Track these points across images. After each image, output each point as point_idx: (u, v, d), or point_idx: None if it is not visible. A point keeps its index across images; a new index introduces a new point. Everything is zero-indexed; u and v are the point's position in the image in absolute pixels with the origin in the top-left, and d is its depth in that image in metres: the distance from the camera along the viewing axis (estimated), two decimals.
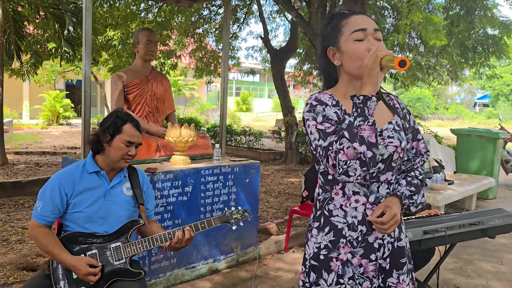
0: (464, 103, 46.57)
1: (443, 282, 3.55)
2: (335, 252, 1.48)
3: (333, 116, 1.43)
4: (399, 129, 1.46)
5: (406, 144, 1.51)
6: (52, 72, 16.07)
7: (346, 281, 1.47)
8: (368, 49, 1.41)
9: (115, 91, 3.58)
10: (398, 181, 1.54)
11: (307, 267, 1.54)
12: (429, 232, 2.39)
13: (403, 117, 1.56)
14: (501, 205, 6.31)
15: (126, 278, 1.99)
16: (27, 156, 9.35)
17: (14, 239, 4.18)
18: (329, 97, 1.48)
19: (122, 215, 2.09)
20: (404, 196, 1.50)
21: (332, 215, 1.49)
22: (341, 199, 1.49)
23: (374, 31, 1.45)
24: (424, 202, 1.56)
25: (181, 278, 3.30)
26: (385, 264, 1.50)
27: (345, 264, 1.47)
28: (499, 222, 2.62)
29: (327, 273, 1.48)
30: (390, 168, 1.47)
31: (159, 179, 3.10)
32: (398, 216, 1.43)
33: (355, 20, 1.47)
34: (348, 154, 1.32)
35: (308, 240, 1.57)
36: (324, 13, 7.76)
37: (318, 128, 1.41)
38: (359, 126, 1.33)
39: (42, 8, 8.15)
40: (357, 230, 1.47)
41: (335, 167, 1.35)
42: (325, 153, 1.38)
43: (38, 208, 2.01)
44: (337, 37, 1.49)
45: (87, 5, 3.13)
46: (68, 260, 1.92)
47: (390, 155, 1.41)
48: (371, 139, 1.32)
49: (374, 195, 1.48)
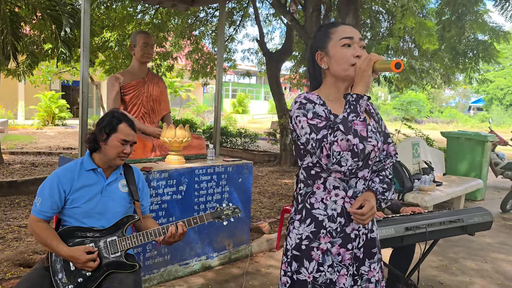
0: (458, 107, 46.91)
1: (427, 278, 3.67)
2: (316, 242, 1.60)
3: (322, 113, 1.55)
4: (375, 131, 1.58)
5: (382, 145, 1.63)
6: (48, 72, 16.11)
7: (325, 268, 1.59)
8: (353, 54, 1.56)
9: (112, 92, 3.68)
10: (372, 179, 1.68)
11: (289, 257, 1.66)
12: (411, 228, 2.50)
13: (377, 122, 1.69)
14: (488, 207, 6.46)
15: (121, 270, 2.09)
16: (23, 156, 9.41)
17: (10, 237, 4.26)
18: (317, 97, 1.60)
19: (118, 211, 2.19)
20: (378, 192, 1.64)
21: (314, 208, 1.62)
22: (322, 193, 1.61)
23: (359, 40, 1.60)
24: (393, 199, 1.70)
25: (174, 274, 3.40)
26: (359, 253, 1.63)
27: (325, 253, 1.59)
28: (478, 219, 2.75)
29: (308, 262, 1.60)
30: (367, 166, 1.61)
31: (154, 178, 3.20)
32: (375, 209, 1.58)
33: (344, 29, 1.62)
34: (341, 146, 1.44)
35: (290, 232, 1.68)
36: (319, 17, 7.89)
37: (310, 123, 1.53)
38: (352, 121, 1.46)
39: (39, 9, 8.21)
40: (336, 221, 1.60)
41: (329, 157, 1.46)
42: (318, 145, 1.49)
43: (38, 204, 2.11)
44: (326, 43, 1.63)
45: (85, 9, 3.23)
46: (66, 251, 2.02)
47: (368, 153, 1.53)
48: (363, 133, 1.46)
49: (352, 190, 1.61)
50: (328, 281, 1.58)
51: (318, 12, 7.86)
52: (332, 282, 1.58)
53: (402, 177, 5.15)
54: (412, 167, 5.89)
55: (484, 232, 5.03)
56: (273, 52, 10.93)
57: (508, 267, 4.03)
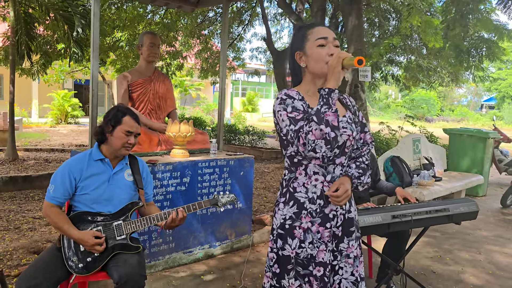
0: (470, 105, 46.55)
1: (421, 268, 3.83)
2: (298, 222, 1.78)
3: (300, 107, 1.74)
4: (351, 122, 1.77)
5: (357, 134, 1.81)
6: (61, 72, 16.48)
7: (306, 245, 1.77)
8: (328, 53, 1.74)
9: (121, 90, 3.89)
10: (349, 165, 1.86)
11: (274, 236, 1.85)
12: (397, 216, 2.66)
13: (353, 113, 1.87)
14: (489, 202, 6.58)
15: (126, 251, 2.29)
16: (36, 153, 9.70)
17: (25, 227, 4.49)
18: (296, 93, 1.79)
19: (124, 198, 2.40)
20: (354, 177, 1.82)
21: (296, 191, 1.80)
22: (303, 178, 1.79)
23: (333, 39, 1.77)
24: (369, 182, 1.88)
25: (178, 261, 3.60)
26: (338, 232, 1.81)
27: (306, 231, 1.78)
28: (464, 209, 2.89)
29: (291, 239, 1.79)
30: (344, 153, 1.79)
31: (159, 170, 3.40)
32: (349, 192, 1.76)
33: (318, 30, 1.79)
34: (315, 135, 1.63)
35: (275, 213, 1.87)
36: (324, 16, 8.04)
37: (289, 116, 1.72)
38: (324, 113, 1.64)
39: (52, 10, 8.47)
40: (316, 203, 1.78)
41: (305, 145, 1.65)
42: (296, 135, 1.68)
43: (51, 191, 2.32)
44: (303, 43, 1.81)
45: (95, 11, 3.44)
46: (76, 234, 2.23)
47: (344, 142, 1.72)
48: (334, 123, 1.64)
49: (330, 175, 1.79)
50: (309, 256, 1.77)
51: (323, 12, 8.01)
52: (312, 257, 1.77)
53: (401, 172, 5.30)
54: (413, 163, 6.03)
55: (482, 226, 5.18)
56: (281, 51, 11.08)
57: (501, 258, 4.16)
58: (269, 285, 1.86)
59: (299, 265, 1.77)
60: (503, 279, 3.65)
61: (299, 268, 1.77)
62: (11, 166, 7.65)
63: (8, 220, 4.69)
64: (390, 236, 3.24)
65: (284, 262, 1.80)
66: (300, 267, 1.77)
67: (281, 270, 1.81)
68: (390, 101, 39.37)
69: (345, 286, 1.82)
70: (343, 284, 1.82)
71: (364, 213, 2.62)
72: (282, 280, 1.81)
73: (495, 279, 3.66)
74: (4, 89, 19.65)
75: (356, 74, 6.39)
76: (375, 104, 39.05)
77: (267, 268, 1.89)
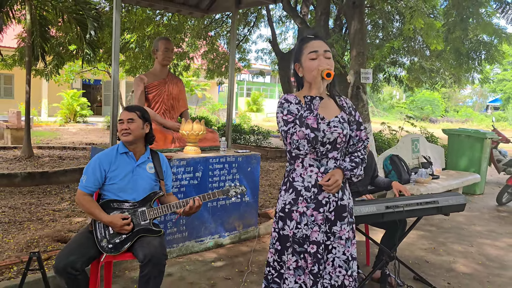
0: (476, 106, 46.60)
1: (415, 258, 4.11)
2: (295, 206, 2.10)
3: (294, 110, 2.06)
4: (343, 121, 2.08)
5: (349, 132, 2.13)
6: (70, 72, 16.85)
7: (302, 226, 2.09)
8: (318, 65, 2.04)
9: (137, 91, 4.22)
10: (344, 159, 2.16)
11: (277, 218, 2.18)
12: (390, 207, 2.96)
13: (349, 113, 2.18)
14: (486, 200, 6.85)
15: (149, 234, 2.60)
16: (50, 151, 10.05)
17: (47, 218, 4.81)
18: (294, 98, 2.12)
19: (146, 187, 2.71)
20: (346, 169, 2.13)
21: (295, 181, 2.12)
22: (301, 169, 2.11)
23: (324, 52, 2.07)
24: (362, 174, 2.18)
25: (191, 249, 3.91)
26: (330, 216, 2.12)
27: (302, 215, 2.09)
28: (452, 201, 3.18)
29: (290, 221, 2.11)
30: (336, 148, 2.11)
31: (174, 165, 3.71)
32: (339, 181, 2.07)
33: (312, 44, 2.10)
34: (299, 135, 1.98)
35: (278, 199, 2.19)
36: (327, 19, 8.31)
37: (283, 119, 2.06)
38: (306, 117, 1.97)
39: (65, 13, 8.80)
40: (311, 191, 2.09)
41: (291, 144, 2.01)
42: (285, 135, 2.04)
43: (83, 181, 2.63)
44: (300, 57, 2.13)
45: (116, 19, 3.75)
46: (106, 218, 2.55)
47: (335, 139, 2.04)
48: (314, 125, 1.97)
49: (324, 167, 2.10)
50: (304, 235, 2.09)
51: (327, 15, 8.28)
52: (307, 236, 2.09)
53: (400, 170, 5.58)
54: (412, 162, 6.31)
55: (476, 222, 5.46)
56: (285, 52, 11.37)
57: (492, 251, 4.44)
58: (272, 259, 2.20)
59: (295, 243, 2.09)
60: (491, 268, 3.94)
61: (295, 246, 2.09)
62: (27, 163, 7.99)
63: (30, 212, 5.02)
64: (388, 228, 3.53)
65: (284, 240, 2.13)
66: (296, 245, 2.09)
67: (282, 247, 2.14)
68: (394, 101, 39.55)
69: (337, 263, 2.13)
70: (336, 261, 2.13)
71: (360, 204, 2.91)
72: (283, 255, 2.14)
73: (484, 268, 3.94)
74: (15, 89, 20.05)
75: (358, 76, 6.67)
76: (379, 104, 39.26)
77: (270, 245, 2.22)
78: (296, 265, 2.09)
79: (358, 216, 2.85)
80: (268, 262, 2.23)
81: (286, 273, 2.11)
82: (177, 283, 3.32)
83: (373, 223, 3.62)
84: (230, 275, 3.50)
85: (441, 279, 3.62)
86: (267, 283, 2.22)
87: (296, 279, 2.09)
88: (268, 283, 2.21)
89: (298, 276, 2.10)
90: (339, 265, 2.13)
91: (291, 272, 2.10)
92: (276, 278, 2.19)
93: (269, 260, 2.22)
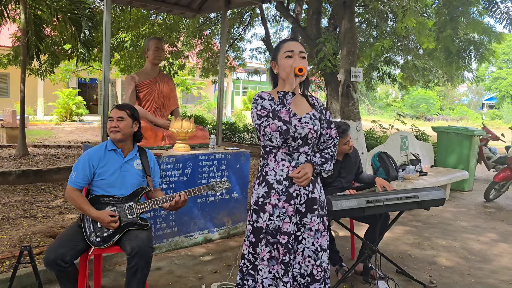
0: (471, 104, 46.80)
1: (399, 252, 4.22)
2: (268, 199, 2.21)
3: (268, 106, 2.18)
4: (314, 118, 2.21)
5: (320, 129, 2.25)
6: (66, 71, 16.89)
7: (274, 218, 2.20)
8: (293, 63, 2.15)
9: (128, 90, 4.30)
10: (315, 154, 2.27)
11: (251, 211, 2.29)
12: (371, 201, 3.06)
13: (320, 112, 2.30)
14: (474, 196, 6.97)
15: (136, 228, 2.70)
16: (45, 149, 10.12)
17: (40, 215, 4.90)
18: (267, 95, 2.24)
19: (134, 183, 2.80)
20: (316, 164, 2.24)
21: (267, 175, 2.24)
22: (273, 164, 2.23)
23: (299, 52, 2.19)
24: (332, 170, 2.30)
25: (180, 244, 4.01)
26: (301, 208, 2.23)
27: (274, 207, 2.20)
28: (432, 196, 3.28)
29: (263, 213, 2.21)
30: (307, 144, 2.22)
31: (163, 162, 3.80)
32: (309, 175, 2.18)
33: (288, 44, 2.22)
34: (271, 128, 2.09)
35: (252, 192, 2.30)
36: (319, 20, 8.43)
37: (257, 113, 2.18)
38: (279, 110, 2.09)
39: (60, 12, 8.86)
40: (282, 184, 2.21)
41: (264, 136, 2.12)
42: (259, 128, 2.15)
43: (73, 176, 2.72)
44: (276, 55, 2.25)
45: (106, 19, 3.84)
46: (94, 213, 2.64)
47: (306, 134, 2.16)
48: (286, 118, 2.09)
49: (295, 161, 2.22)
50: (276, 227, 2.19)
51: (319, 15, 8.39)
52: (279, 227, 2.19)
53: (387, 167, 5.69)
54: (400, 159, 6.42)
55: (462, 217, 5.58)
56: None
57: (475, 245, 4.55)
58: (247, 252, 2.30)
59: (268, 234, 2.19)
60: (473, 262, 4.05)
61: (268, 237, 2.19)
62: (22, 161, 8.07)
63: (24, 209, 5.10)
64: (371, 223, 3.63)
65: (257, 232, 2.24)
66: (269, 236, 2.19)
67: (256, 239, 2.25)
68: (390, 100, 39.69)
69: (307, 253, 2.24)
70: (305, 252, 2.24)
71: (342, 198, 3.01)
72: (257, 247, 2.25)
73: (466, 262, 4.05)
74: (10, 88, 20.07)
75: (348, 75, 6.76)
76: (375, 103, 39.39)
77: (245, 238, 2.32)
78: (270, 255, 2.20)
79: (340, 210, 2.95)
80: (243, 255, 2.33)
81: (260, 264, 2.21)
82: (165, 276, 3.41)
83: (356, 218, 3.72)
84: (217, 268, 3.60)
85: (423, 272, 3.73)
86: (242, 275, 2.32)
87: (270, 269, 2.20)
88: (243, 275, 2.31)
89: (272, 266, 2.20)
90: (309, 255, 2.24)
91: (265, 263, 2.20)
92: (250, 270, 2.29)
93: (244, 253, 2.32)
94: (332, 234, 3.61)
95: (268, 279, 2.19)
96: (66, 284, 2.58)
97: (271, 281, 2.20)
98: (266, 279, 2.19)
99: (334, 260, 3.55)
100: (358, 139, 6.45)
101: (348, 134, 3.58)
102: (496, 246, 4.54)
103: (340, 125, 3.53)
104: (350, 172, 3.74)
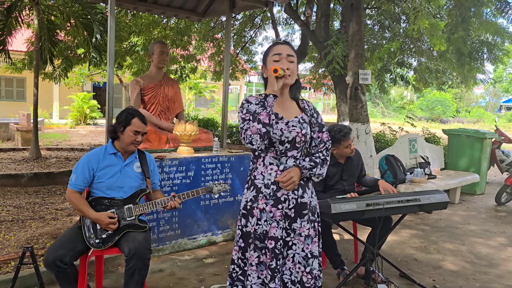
0: (489, 106, 46.05)
1: (404, 256, 4.18)
2: (256, 203, 2.20)
3: (253, 109, 2.16)
4: (303, 122, 2.20)
5: (309, 133, 2.23)
6: (80, 75, 17.15)
7: (262, 222, 2.18)
8: (281, 66, 2.15)
9: (133, 93, 4.36)
10: (304, 158, 2.25)
11: (240, 215, 2.28)
12: (371, 204, 3.03)
13: (310, 115, 2.29)
14: (486, 200, 6.86)
15: (135, 230, 2.73)
16: (58, 152, 10.27)
17: (49, 217, 4.98)
18: (255, 99, 2.22)
19: (133, 185, 2.84)
20: (304, 168, 2.20)
21: (256, 179, 2.23)
22: (262, 168, 2.22)
23: (287, 55, 2.19)
24: (322, 174, 2.25)
25: (184, 247, 4.03)
26: (290, 213, 2.20)
27: (261, 211, 2.19)
28: (434, 199, 3.24)
29: (251, 218, 2.21)
30: (295, 147, 2.21)
31: (166, 165, 3.84)
32: (294, 179, 2.15)
33: (277, 47, 2.22)
34: (252, 130, 2.07)
35: (242, 197, 2.29)
36: (327, 22, 8.39)
37: (242, 117, 2.16)
38: (259, 113, 2.08)
39: (73, 18, 9.02)
40: (270, 188, 2.19)
41: (245, 139, 2.10)
42: (241, 131, 2.13)
43: (73, 179, 2.77)
44: (266, 59, 2.25)
45: (111, 25, 3.89)
46: (94, 215, 2.67)
47: (293, 138, 2.15)
48: (266, 121, 2.06)
49: (283, 165, 2.20)
50: (264, 231, 2.18)
51: (327, 18, 8.36)
52: (267, 232, 2.18)
53: (395, 170, 5.64)
54: (409, 161, 6.35)
55: (472, 221, 5.50)
56: None
57: (483, 249, 4.48)
58: (237, 257, 2.29)
59: (256, 239, 2.18)
60: (479, 266, 3.99)
61: (257, 242, 2.18)
62: (35, 164, 8.21)
63: (34, 211, 5.19)
64: (374, 226, 3.60)
65: (246, 237, 2.23)
66: (257, 241, 2.18)
67: (245, 244, 2.23)
68: (404, 102, 39.30)
69: (297, 260, 2.22)
70: (295, 258, 2.22)
71: (341, 201, 3.00)
72: (246, 252, 2.23)
73: (472, 266, 3.99)
74: (27, 92, 20.44)
75: (357, 77, 6.73)
76: (389, 105, 39.05)
77: (235, 243, 2.31)
78: (258, 260, 2.18)
79: (339, 213, 2.93)
80: (232, 260, 2.32)
81: (249, 270, 2.20)
82: (166, 278, 3.44)
83: (358, 221, 3.70)
84: (219, 271, 3.61)
85: (426, 276, 3.68)
86: (232, 281, 2.30)
87: (259, 274, 2.18)
88: (233, 281, 2.29)
89: (260, 272, 2.18)
90: (299, 261, 2.21)
91: (254, 268, 2.18)
92: (240, 276, 2.27)
93: (234, 258, 2.30)
94: (334, 237, 3.58)
95: (257, 284, 2.18)
96: (66, 285, 2.63)
97: (260, 286, 2.18)
98: (255, 284, 2.18)
99: (335, 263, 3.54)
100: (367, 142, 6.40)
101: (350, 137, 3.56)
102: (504, 251, 4.46)
103: (342, 129, 3.52)
104: (352, 175, 3.72)
